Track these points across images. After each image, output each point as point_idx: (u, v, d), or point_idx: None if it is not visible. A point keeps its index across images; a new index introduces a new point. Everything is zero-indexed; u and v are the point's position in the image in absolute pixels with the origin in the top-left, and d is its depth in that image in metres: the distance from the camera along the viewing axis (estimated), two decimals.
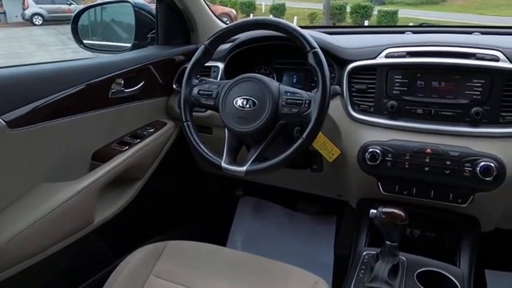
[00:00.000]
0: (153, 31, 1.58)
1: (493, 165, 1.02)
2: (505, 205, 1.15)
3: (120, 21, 1.84)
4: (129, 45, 1.58)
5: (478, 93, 1.05)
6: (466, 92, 1.07)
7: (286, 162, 1.02)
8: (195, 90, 1.13)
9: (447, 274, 1.07)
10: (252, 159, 1.05)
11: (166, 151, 1.48)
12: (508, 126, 1.04)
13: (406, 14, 13.92)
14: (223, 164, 1.07)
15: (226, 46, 1.40)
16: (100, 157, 1.28)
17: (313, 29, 1.70)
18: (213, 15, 1.59)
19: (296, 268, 1.04)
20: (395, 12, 14.01)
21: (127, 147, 1.32)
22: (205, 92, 1.12)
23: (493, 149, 1.04)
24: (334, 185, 1.41)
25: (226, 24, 1.50)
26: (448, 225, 1.23)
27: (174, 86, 1.48)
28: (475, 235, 1.20)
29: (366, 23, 13.77)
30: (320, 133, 1.08)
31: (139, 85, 1.37)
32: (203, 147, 1.11)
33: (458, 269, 1.13)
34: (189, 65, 1.16)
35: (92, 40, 1.79)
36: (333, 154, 1.18)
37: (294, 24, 1.08)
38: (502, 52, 1.06)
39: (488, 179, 1.02)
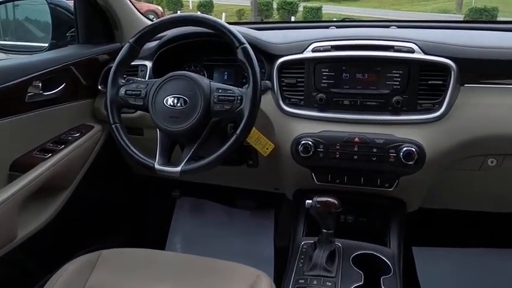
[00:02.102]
0: (73, 29, 1.49)
1: (414, 149, 1.09)
2: (427, 186, 1.24)
3: (36, 20, 1.72)
4: (46, 45, 1.47)
5: (398, 83, 1.12)
6: (387, 82, 1.13)
7: (222, 159, 1.02)
8: (122, 91, 1.08)
9: (379, 255, 1.14)
10: (186, 159, 1.03)
11: (94, 156, 1.41)
12: (425, 113, 1.12)
13: (329, 10, 14.49)
14: (156, 166, 1.04)
15: (153, 44, 1.36)
16: (19, 167, 1.18)
17: (241, 25, 1.70)
18: (137, 12, 1.53)
19: (237, 264, 1.04)
20: (319, 8, 14.53)
21: (50, 154, 1.23)
22: (133, 92, 1.08)
23: (413, 135, 1.12)
24: (271, 178, 1.43)
25: (152, 21, 1.45)
26: (378, 209, 1.30)
27: (100, 87, 1.40)
28: (402, 216, 1.29)
29: (293, 18, 14.12)
30: (254, 128, 1.09)
31: (60, 87, 1.28)
32: (134, 150, 1.07)
33: (388, 249, 1.21)
34: (114, 65, 1.11)
35: (4, 40, 1.64)
36: (267, 148, 1.19)
37: (221, 21, 1.07)
38: (416, 44, 1.13)
39: (410, 163, 1.10)
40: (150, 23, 1.19)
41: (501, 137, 1.12)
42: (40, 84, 1.21)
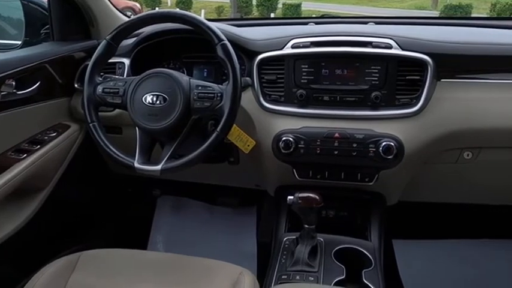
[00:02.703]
0: (47, 26, 1.45)
1: (393, 144, 1.11)
2: (406, 180, 1.27)
3: (9, 17, 1.67)
4: (19, 42, 1.43)
5: (376, 78, 1.14)
6: (366, 78, 1.14)
7: (202, 157, 1.01)
8: (99, 89, 1.06)
9: (360, 248, 1.16)
10: (166, 157, 1.02)
11: (72, 156, 1.38)
12: (403, 108, 1.14)
13: (308, 6, 14.56)
14: (136, 164, 1.02)
15: (130, 41, 1.34)
16: None
17: (220, 21, 1.69)
18: (114, 9, 1.50)
19: (220, 262, 1.04)
20: (298, 5, 14.59)
21: (25, 155, 1.20)
22: (111, 90, 1.06)
23: (392, 130, 1.14)
24: (252, 175, 1.43)
25: (130, 18, 1.42)
26: (359, 203, 1.32)
27: (76, 85, 1.37)
28: (382, 210, 1.31)
29: (272, 15, 14.14)
30: (234, 125, 1.08)
31: (35, 86, 1.25)
32: (113, 149, 1.05)
33: (369, 242, 1.23)
34: (90, 62, 1.09)
35: None
36: (248, 145, 1.19)
37: (200, 17, 1.06)
38: (394, 40, 1.15)
39: (389, 157, 1.11)
40: (127, 19, 1.17)
41: (476, 130, 1.15)
42: (13, 83, 1.18)
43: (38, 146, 1.24)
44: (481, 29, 1.42)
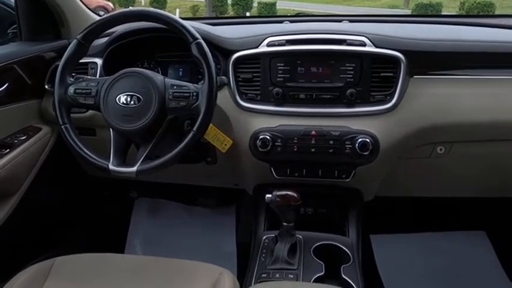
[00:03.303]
0: (14, 26, 1.40)
1: (368, 140, 1.12)
2: (382, 175, 1.29)
3: None
4: None
5: (351, 76, 1.15)
6: (341, 75, 1.15)
7: (179, 157, 1.00)
8: (71, 90, 1.04)
9: (338, 244, 1.17)
10: (142, 158, 1.01)
11: (44, 159, 1.34)
12: (377, 105, 1.15)
13: (283, 5, 14.63)
14: (111, 167, 1.00)
15: (103, 40, 1.31)
16: None
17: (195, 20, 1.68)
18: (84, 8, 1.46)
19: (199, 263, 1.03)
20: (273, 4, 14.63)
21: None
22: (83, 91, 1.03)
23: (367, 126, 1.15)
24: (230, 175, 1.43)
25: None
26: (336, 200, 1.33)
27: (47, 87, 1.33)
28: (359, 205, 1.32)
29: (247, 14, 14.13)
30: (211, 125, 1.08)
31: (3, 88, 1.21)
32: (87, 151, 1.03)
33: (347, 238, 1.24)
34: (61, 62, 1.06)
35: None
36: (225, 145, 1.18)
37: (174, 16, 1.05)
38: (367, 38, 1.16)
39: (365, 153, 1.13)
40: (99, 18, 1.14)
41: (448, 125, 1.17)
42: None
43: (8, 150, 1.20)
44: (451, 26, 1.45)
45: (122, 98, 1.00)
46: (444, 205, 1.63)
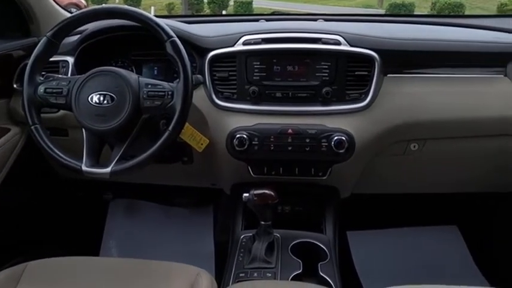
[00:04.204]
0: None
1: (344, 138, 1.14)
2: (357, 173, 1.30)
3: None
4: None
5: (326, 74, 1.16)
6: (317, 74, 1.16)
7: (154, 157, 0.98)
8: (41, 89, 1.01)
9: (316, 242, 1.18)
10: (116, 159, 0.99)
11: (13, 160, 1.29)
12: (353, 103, 1.17)
13: (260, 4, 14.64)
14: (84, 168, 0.98)
15: (74, 38, 1.28)
16: None
17: (170, 18, 1.65)
18: (55, 5, 1.42)
19: (176, 264, 1.02)
20: (250, 3, 14.62)
21: None
22: (54, 90, 1.01)
23: (343, 124, 1.16)
24: (207, 174, 1.42)
25: None
26: (313, 197, 1.34)
27: (15, 86, 1.29)
28: (336, 203, 1.34)
29: (224, 12, 14.08)
30: (187, 124, 1.07)
31: None
32: (58, 152, 1.00)
33: (324, 235, 1.25)
34: (30, 61, 1.03)
35: None
36: (202, 144, 1.17)
37: (148, 13, 1.03)
38: (342, 37, 1.17)
39: (341, 151, 1.14)
40: (69, 15, 1.11)
41: (421, 123, 1.20)
42: None
43: None
44: (423, 26, 1.48)
45: (95, 98, 0.98)
46: (418, 201, 1.66)
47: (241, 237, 1.20)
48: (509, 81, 1.22)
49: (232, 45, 1.19)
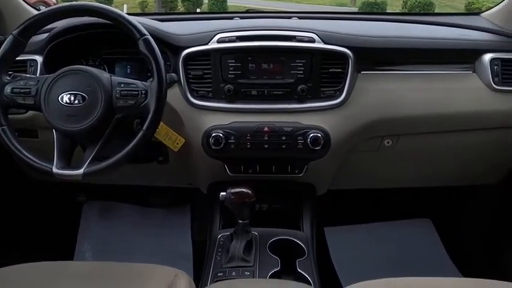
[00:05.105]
0: None
1: (320, 135, 1.14)
2: (333, 169, 1.32)
3: None
4: None
5: (301, 72, 1.16)
6: (292, 71, 1.16)
7: (128, 157, 0.96)
8: (8, 89, 0.98)
9: (293, 239, 1.19)
10: (89, 160, 0.97)
11: None
12: (327, 100, 1.18)
13: (234, 1, 14.60)
14: (55, 170, 0.95)
15: (43, 36, 1.24)
16: None
17: (143, 16, 1.63)
18: (22, 2, 1.37)
19: (153, 265, 1.00)
20: (224, 0, 14.57)
21: None
22: (22, 90, 0.97)
23: (318, 121, 1.17)
24: (183, 173, 1.40)
25: None
26: (290, 195, 1.35)
27: None
28: (313, 200, 1.35)
29: (198, 10, 13.97)
30: (162, 123, 1.05)
31: None
32: (28, 154, 0.97)
33: (302, 232, 1.26)
34: None
35: None
36: (177, 143, 1.16)
37: (119, 11, 1.01)
38: (317, 34, 1.18)
39: (317, 148, 1.15)
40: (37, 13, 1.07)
41: (394, 119, 1.22)
42: None
43: None
44: (395, 23, 1.51)
45: (65, 97, 0.95)
46: (393, 195, 1.70)
47: (219, 236, 1.20)
48: (477, 77, 1.25)
49: (207, 43, 1.17)
